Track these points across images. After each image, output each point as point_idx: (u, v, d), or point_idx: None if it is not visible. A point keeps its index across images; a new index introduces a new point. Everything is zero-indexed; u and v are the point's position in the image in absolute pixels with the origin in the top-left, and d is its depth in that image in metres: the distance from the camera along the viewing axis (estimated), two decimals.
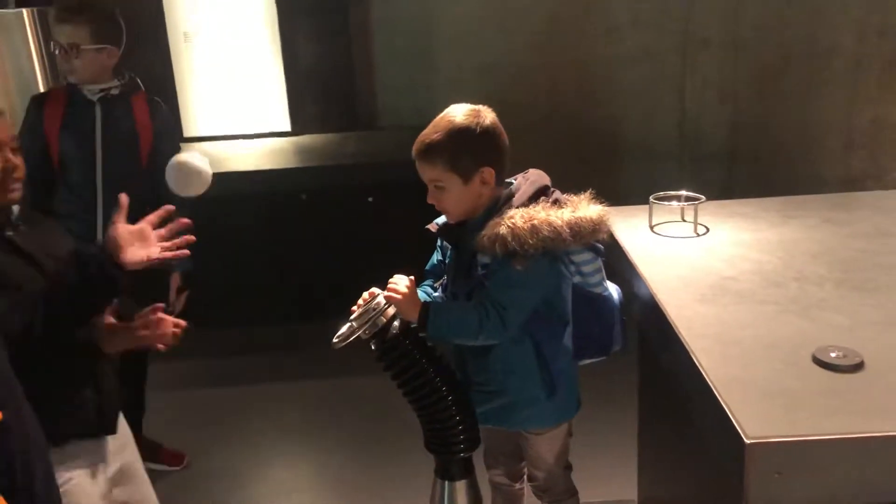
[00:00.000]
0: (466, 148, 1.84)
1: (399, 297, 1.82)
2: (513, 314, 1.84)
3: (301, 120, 4.78)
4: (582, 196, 1.89)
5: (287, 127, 4.77)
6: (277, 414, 3.60)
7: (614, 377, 3.07)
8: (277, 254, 4.20)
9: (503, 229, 1.77)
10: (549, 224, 1.77)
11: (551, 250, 1.80)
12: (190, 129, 4.79)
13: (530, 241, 1.75)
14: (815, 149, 4.83)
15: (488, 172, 1.86)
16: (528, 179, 1.93)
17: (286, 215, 4.16)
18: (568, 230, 1.78)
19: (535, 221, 1.77)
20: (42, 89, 3.94)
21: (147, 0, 4.50)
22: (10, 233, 1.70)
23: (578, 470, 2.23)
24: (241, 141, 4.73)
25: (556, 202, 1.85)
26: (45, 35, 3.90)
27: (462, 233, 1.92)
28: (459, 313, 1.86)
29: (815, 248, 2.03)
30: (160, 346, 1.80)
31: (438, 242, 2.11)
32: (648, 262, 1.98)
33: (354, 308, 1.88)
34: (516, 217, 1.79)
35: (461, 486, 1.93)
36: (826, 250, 2.01)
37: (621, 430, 2.84)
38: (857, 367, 1.41)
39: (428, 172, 1.88)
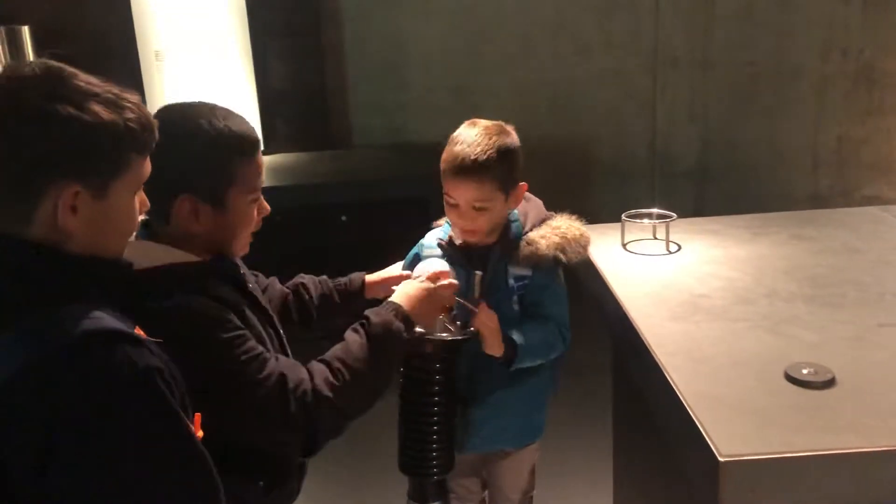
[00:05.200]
0: (513, 165, 1.79)
1: (491, 329, 1.75)
2: (568, 330, 1.88)
3: (274, 139, 4.76)
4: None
5: (259, 146, 4.75)
6: None
7: (589, 395, 3.08)
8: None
9: (556, 238, 1.81)
10: (584, 236, 1.86)
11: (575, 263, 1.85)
12: None
13: (578, 250, 1.83)
14: (784, 167, 4.91)
15: (522, 188, 1.84)
16: (529, 201, 1.94)
17: (259, 234, 4.12)
18: (589, 244, 1.88)
19: (578, 231, 1.85)
20: None
21: (118, 18, 4.47)
22: (250, 286, 1.57)
23: (555, 488, 2.22)
24: None
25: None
26: (12, 53, 3.85)
27: (485, 254, 1.85)
28: (539, 344, 1.83)
29: (785, 264, 2.05)
30: None
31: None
32: (621, 280, 1.99)
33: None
34: (562, 227, 1.84)
35: None
36: (796, 267, 2.02)
37: (597, 448, 2.83)
38: (829, 383, 1.42)
39: (472, 192, 1.75)
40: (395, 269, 1.96)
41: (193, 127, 1.39)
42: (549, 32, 4.70)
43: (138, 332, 1.12)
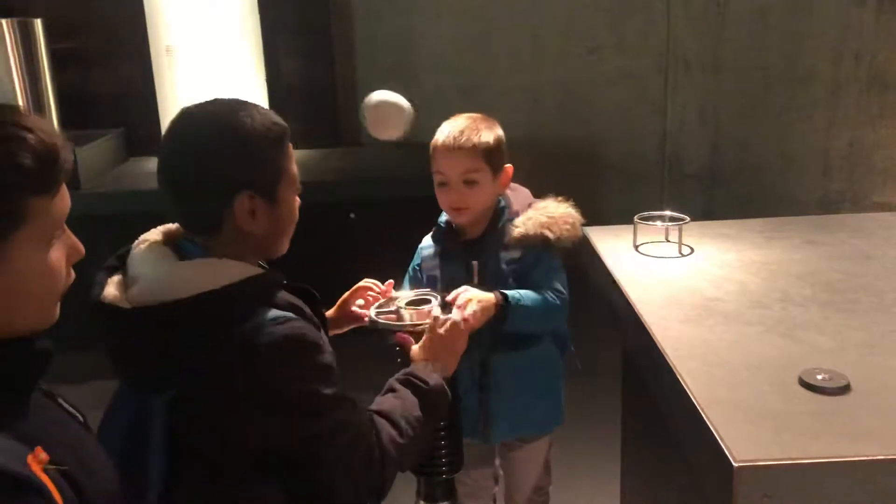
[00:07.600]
0: (499, 143, 1.92)
1: (476, 316, 1.70)
2: (567, 296, 1.91)
3: None
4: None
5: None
6: None
7: (598, 396, 3.07)
8: None
9: (543, 218, 1.87)
10: (571, 214, 1.92)
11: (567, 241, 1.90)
12: None
13: (566, 228, 1.88)
14: (794, 171, 4.89)
15: (508, 170, 1.92)
16: (515, 190, 2.00)
17: None
18: (579, 224, 1.93)
19: (565, 210, 1.92)
20: (20, 101, 3.88)
21: (129, 12, 4.47)
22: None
23: (561, 492, 2.22)
24: None
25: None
26: (24, 46, 3.86)
27: (480, 244, 1.94)
28: (532, 301, 1.85)
29: (799, 269, 2.03)
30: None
31: (417, 272, 2.05)
32: (633, 283, 1.98)
33: (377, 294, 1.81)
34: (549, 207, 1.91)
35: None
36: (809, 272, 2.01)
37: (604, 451, 2.82)
38: (844, 389, 1.41)
39: (463, 162, 1.88)
40: (345, 302, 1.89)
41: (236, 122, 1.30)
42: (559, 33, 4.69)
43: (39, 453, 0.92)
